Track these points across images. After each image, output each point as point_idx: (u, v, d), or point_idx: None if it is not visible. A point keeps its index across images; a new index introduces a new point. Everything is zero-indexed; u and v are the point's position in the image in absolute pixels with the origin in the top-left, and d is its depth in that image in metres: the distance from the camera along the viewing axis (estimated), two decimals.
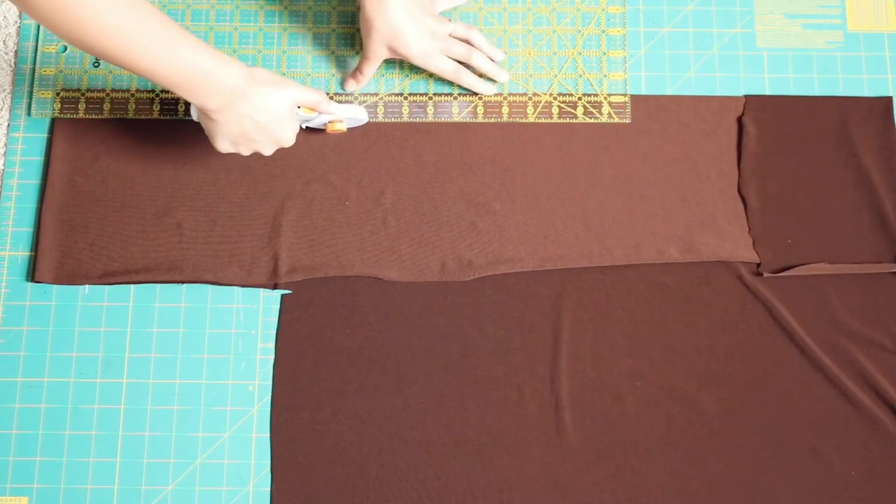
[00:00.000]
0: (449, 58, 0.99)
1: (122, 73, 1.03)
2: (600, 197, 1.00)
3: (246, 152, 0.92)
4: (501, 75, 1.02)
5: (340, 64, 1.03)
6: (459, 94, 1.02)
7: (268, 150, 0.93)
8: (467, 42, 1.01)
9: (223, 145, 0.91)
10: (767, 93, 1.03)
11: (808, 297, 0.97)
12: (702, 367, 0.95)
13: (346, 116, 0.97)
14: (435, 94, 1.02)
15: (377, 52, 0.97)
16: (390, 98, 1.02)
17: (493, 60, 1.02)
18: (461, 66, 1.00)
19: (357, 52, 1.04)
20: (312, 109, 0.94)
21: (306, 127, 0.99)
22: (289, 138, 0.93)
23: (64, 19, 0.77)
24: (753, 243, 0.98)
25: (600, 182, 1.00)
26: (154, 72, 0.82)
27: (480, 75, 1.02)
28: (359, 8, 0.97)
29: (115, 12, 0.78)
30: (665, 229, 0.99)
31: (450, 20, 1.00)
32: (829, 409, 0.94)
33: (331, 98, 1.00)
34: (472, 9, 1.05)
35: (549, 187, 1.00)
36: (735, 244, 0.98)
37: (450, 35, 0.99)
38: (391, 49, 0.97)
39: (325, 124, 0.98)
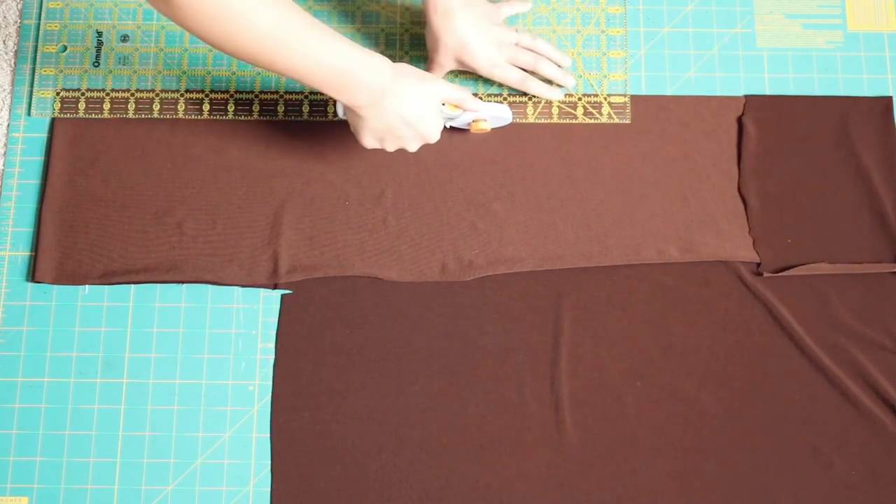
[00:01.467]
0: (515, 66, 0.99)
1: (123, 73, 1.03)
2: (600, 197, 1.00)
3: (391, 148, 0.92)
4: (568, 81, 1.02)
5: None
6: None
7: (413, 147, 0.93)
8: (532, 51, 1.00)
9: (369, 141, 0.91)
10: (767, 93, 1.03)
11: (808, 297, 0.97)
12: (702, 367, 0.95)
13: (490, 115, 0.97)
14: None
15: (445, 65, 0.97)
16: None
17: (560, 66, 1.02)
18: (527, 74, 1.00)
19: None
20: (457, 107, 0.94)
21: (450, 126, 0.98)
22: (434, 134, 0.92)
23: (216, 29, 0.78)
24: (753, 243, 0.98)
25: (600, 182, 1.00)
26: (301, 73, 0.83)
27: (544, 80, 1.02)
28: (424, 22, 0.97)
29: (266, 20, 0.79)
30: (665, 229, 0.99)
31: (516, 29, 1.00)
32: (829, 409, 0.94)
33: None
34: None
35: (549, 187, 1.00)
36: (735, 244, 0.98)
37: (515, 44, 0.99)
38: (459, 61, 0.97)
39: (468, 123, 0.97)
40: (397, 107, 0.88)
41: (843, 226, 0.99)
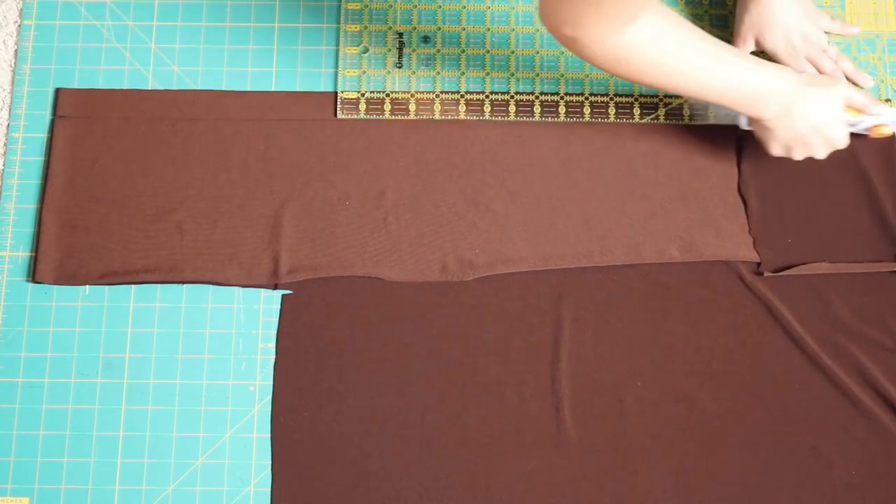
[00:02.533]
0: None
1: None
2: (600, 197, 1.00)
3: (799, 157, 0.94)
4: None
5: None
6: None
7: (821, 154, 0.94)
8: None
9: (777, 150, 0.93)
10: None
11: (808, 296, 0.97)
12: (702, 367, 0.95)
13: (892, 120, 0.96)
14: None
15: (746, 38, 1.00)
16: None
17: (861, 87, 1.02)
18: None
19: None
20: (858, 111, 0.94)
21: (850, 131, 0.97)
22: (841, 140, 0.93)
23: (634, 71, 0.84)
24: (754, 243, 0.99)
25: (600, 182, 1.00)
26: (711, 96, 0.88)
27: None
28: None
29: (676, 58, 0.84)
30: (665, 229, 0.99)
31: (829, 42, 1.01)
32: (829, 408, 0.94)
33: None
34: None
35: (550, 187, 1.00)
36: (735, 244, 0.98)
37: (823, 50, 1.00)
38: (759, 38, 0.99)
39: (869, 129, 0.96)
40: (804, 115, 0.89)
41: (843, 226, 0.99)
